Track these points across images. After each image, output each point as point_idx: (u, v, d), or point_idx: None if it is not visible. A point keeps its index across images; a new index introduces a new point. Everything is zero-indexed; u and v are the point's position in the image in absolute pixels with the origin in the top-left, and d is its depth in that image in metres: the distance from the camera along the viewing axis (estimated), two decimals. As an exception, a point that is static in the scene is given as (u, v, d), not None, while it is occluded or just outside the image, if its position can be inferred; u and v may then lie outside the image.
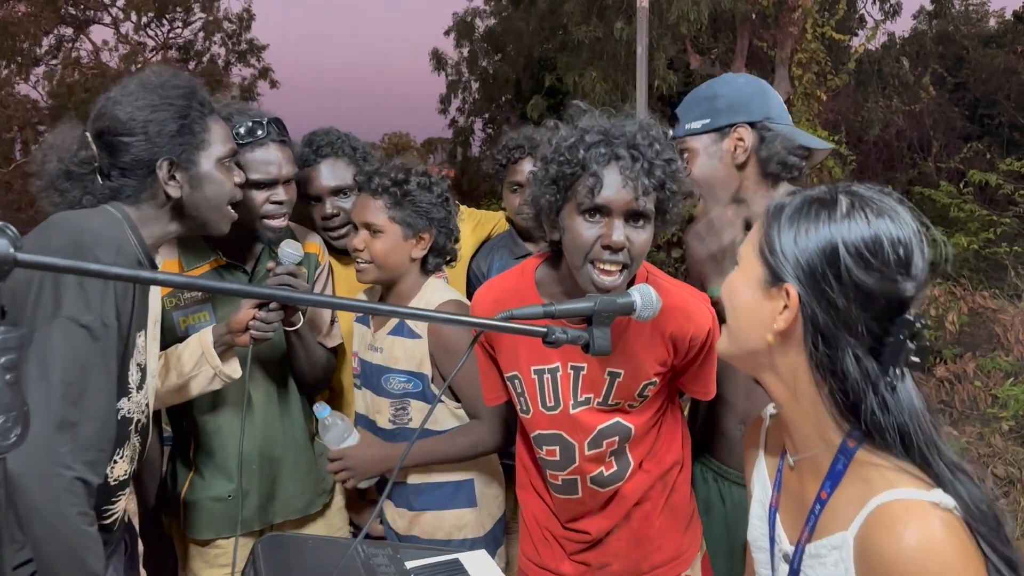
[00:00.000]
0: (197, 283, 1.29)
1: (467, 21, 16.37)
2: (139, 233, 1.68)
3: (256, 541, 1.41)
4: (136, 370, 1.64)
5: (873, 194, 1.13)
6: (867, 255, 1.07)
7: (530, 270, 1.77)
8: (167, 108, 1.67)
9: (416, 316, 1.18)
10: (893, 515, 1.03)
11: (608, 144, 1.53)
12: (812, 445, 1.17)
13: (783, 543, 1.23)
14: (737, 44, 11.47)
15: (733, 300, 1.21)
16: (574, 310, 1.14)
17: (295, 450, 2.20)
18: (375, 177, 2.05)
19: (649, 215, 1.56)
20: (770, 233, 1.15)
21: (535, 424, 1.77)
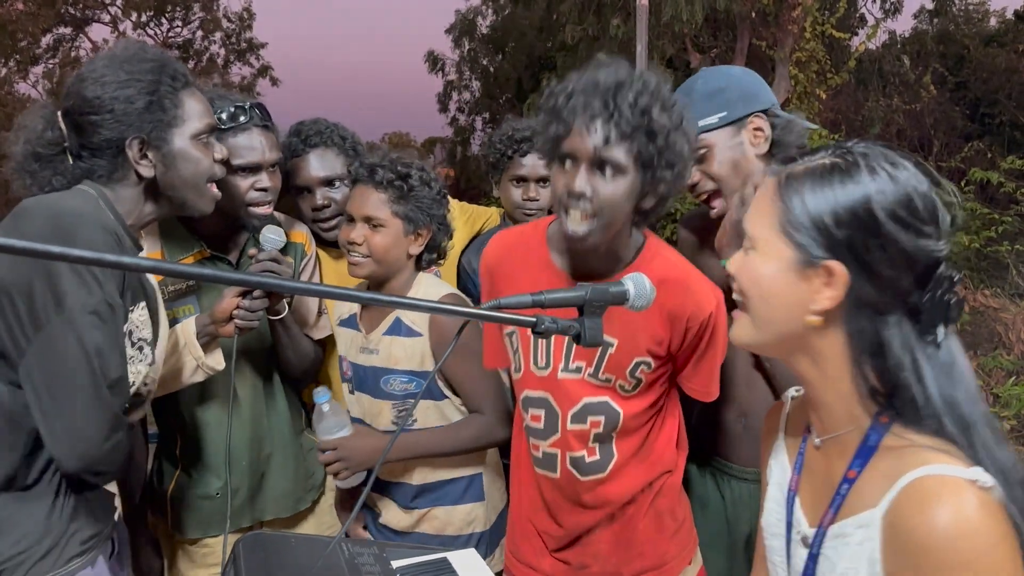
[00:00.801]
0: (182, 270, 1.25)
1: (469, 19, 16.36)
2: (117, 212, 1.63)
3: (237, 540, 1.37)
4: (131, 344, 1.59)
5: (880, 150, 1.08)
6: (902, 213, 1.02)
7: (544, 225, 1.77)
8: (134, 84, 1.60)
9: (404, 305, 1.15)
10: (927, 491, 0.97)
11: (587, 93, 1.52)
12: (842, 423, 1.12)
13: (802, 526, 1.18)
14: (737, 43, 11.44)
15: (759, 288, 1.12)
16: (564, 299, 1.09)
17: (283, 445, 2.15)
18: (379, 170, 1.98)
19: (620, 166, 1.51)
20: (792, 207, 1.08)
21: (525, 383, 1.75)
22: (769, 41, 10.96)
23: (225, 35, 18.63)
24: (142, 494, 2.10)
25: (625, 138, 1.50)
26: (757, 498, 1.89)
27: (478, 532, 2.08)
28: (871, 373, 1.07)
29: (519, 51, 14.81)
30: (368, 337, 2.05)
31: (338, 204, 2.28)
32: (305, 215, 2.34)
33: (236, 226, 2.08)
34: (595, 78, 1.54)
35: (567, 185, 1.54)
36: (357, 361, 2.08)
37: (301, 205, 2.35)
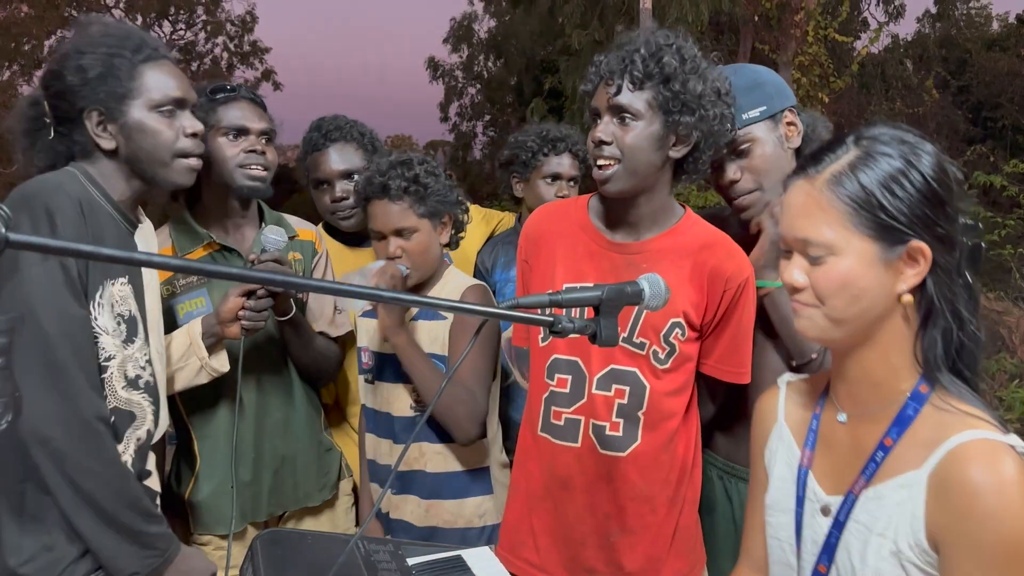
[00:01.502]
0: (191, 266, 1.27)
1: (465, 26, 16.39)
2: (102, 189, 1.65)
3: (254, 537, 1.39)
4: (106, 316, 1.61)
5: (886, 129, 1.18)
6: (952, 182, 1.13)
7: (587, 197, 1.86)
8: (90, 55, 1.63)
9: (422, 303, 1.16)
10: (974, 453, 1.07)
11: (608, 57, 1.67)
12: (885, 399, 1.18)
13: (819, 497, 1.23)
14: (740, 46, 11.47)
15: (848, 289, 1.13)
16: (582, 299, 1.12)
17: (302, 442, 2.16)
18: (389, 183, 1.99)
19: (635, 111, 1.63)
20: (858, 203, 1.11)
21: (553, 348, 1.77)
22: (772, 45, 10.99)
23: (228, 37, 18.67)
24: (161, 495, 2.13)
25: (639, 85, 1.63)
26: None
27: (489, 525, 2.10)
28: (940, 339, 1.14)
29: (518, 56, 14.84)
30: None
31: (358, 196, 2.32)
32: (325, 208, 2.41)
33: (241, 211, 2.11)
34: (626, 41, 1.68)
35: (592, 135, 1.67)
36: (382, 350, 2.08)
37: (321, 198, 2.41)
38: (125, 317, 1.65)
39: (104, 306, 1.59)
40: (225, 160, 2.01)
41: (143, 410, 1.69)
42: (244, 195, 2.06)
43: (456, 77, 17.12)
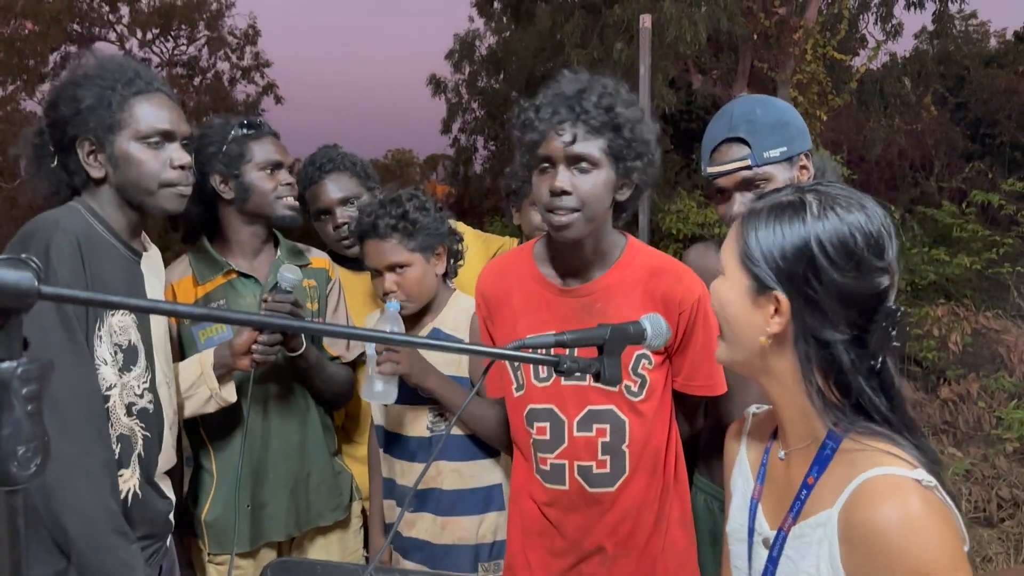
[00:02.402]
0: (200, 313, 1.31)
1: (468, 42, 16.46)
2: (102, 219, 1.72)
3: (266, 566, 1.41)
4: (105, 348, 1.65)
5: (839, 191, 1.17)
6: (843, 256, 1.11)
7: (530, 246, 1.88)
8: (84, 86, 1.70)
9: (428, 346, 1.19)
10: (877, 489, 1.07)
11: (553, 103, 1.67)
12: (805, 437, 1.21)
13: (763, 530, 1.27)
14: (739, 64, 11.53)
15: (724, 310, 1.24)
16: (586, 339, 1.15)
17: (318, 464, 2.22)
18: (378, 222, 2.08)
19: (593, 159, 1.66)
20: (748, 241, 1.19)
21: (528, 399, 1.80)
22: (770, 63, 11.04)
23: (230, 49, 18.74)
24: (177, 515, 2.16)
25: (594, 133, 1.65)
26: None
27: (500, 540, 2.13)
28: (825, 388, 1.17)
29: (520, 72, 14.89)
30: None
31: None
32: (328, 236, 2.52)
33: (264, 241, 2.20)
34: (559, 88, 1.70)
35: (549, 185, 1.66)
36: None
37: (323, 228, 2.53)
38: (123, 347, 1.70)
39: (103, 338, 1.64)
40: (265, 193, 2.12)
41: (135, 436, 1.72)
42: (285, 224, 2.19)
43: (459, 93, 17.19)
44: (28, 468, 0.82)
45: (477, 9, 15.50)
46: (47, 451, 0.84)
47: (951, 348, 6.54)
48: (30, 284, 0.79)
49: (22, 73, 15.77)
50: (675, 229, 10.23)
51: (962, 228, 8.36)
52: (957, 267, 7.74)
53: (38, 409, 0.82)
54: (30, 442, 0.82)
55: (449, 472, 2.11)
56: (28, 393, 0.81)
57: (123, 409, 1.70)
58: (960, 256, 7.87)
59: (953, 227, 8.42)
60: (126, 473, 1.70)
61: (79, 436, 1.53)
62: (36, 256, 1.50)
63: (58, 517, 1.51)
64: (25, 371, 0.80)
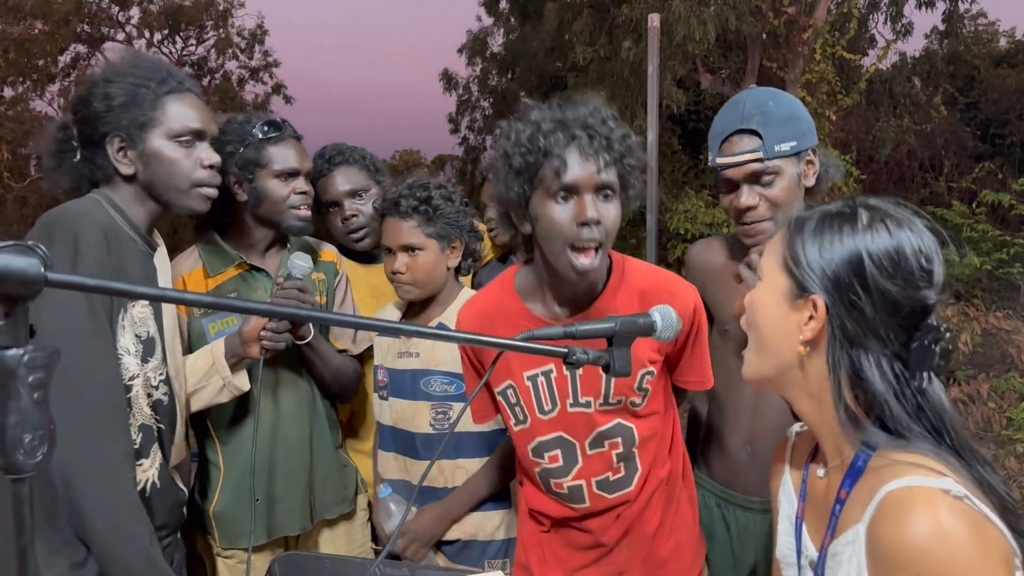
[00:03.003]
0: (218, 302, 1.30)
1: (481, 39, 16.48)
2: (124, 213, 1.72)
3: (273, 560, 1.41)
4: (128, 338, 1.66)
5: (890, 206, 1.16)
6: (890, 265, 1.10)
7: (509, 279, 1.79)
8: (117, 84, 1.71)
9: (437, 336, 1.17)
10: (899, 501, 1.03)
11: (563, 127, 1.58)
12: (840, 452, 1.19)
13: (809, 551, 1.24)
14: (748, 64, 11.50)
15: (758, 315, 1.23)
16: (595, 331, 1.14)
17: (323, 459, 2.23)
18: (401, 201, 2.08)
19: (615, 187, 1.61)
20: (794, 246, 1.17)
21: (534, 432, 1.76)
22: (779, 62, 11.01)
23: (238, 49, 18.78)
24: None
25: (615, 162, 1.60)
26: (762, 528, 1.94)
27: (503, 539, 2.14)
28: (852, 402, 1.14)
29: (529, 71, 14.90)
30: (408, 341, 2.14)
31: (365, 215, 2.47)
32: (336, 229, 2.51)
33: (274, 239, 2.20)
34: (564, 114, 1.62)
35: (576, 216, 1.57)
36: (395, 367, 2.16)
37: (332, 221, 2.52)
38: (143, 338, 1.70)
39: (126, 328, 1.65)
40: (278, 201, 2.11)
41: (154, 426, 1.74)
42: (294, 233, 2.17)
43: (470, 90, 17.21)
44: (34, 456, 0.82)
45: (485, 8, 15.52)
46: (53, 439, 0.84)
47: (961, 348, 6.51)
48: (36, 271, 0.78)
49: (32, 73, 15.83)
50: (683, 229, 10.21)
51: (972, 228, 8.31)
52: (967, 267, 7.70)
53: (44, 397, 0.82)
54: (36, 430, 0.81)
55: (455, 470, 2.11)
56: (35, 381, 0.81)
57: (145, 399, 1.71)
58: (970, 256, 7.82)
59: (963, 227, 8.37)
60: (145, 463, 1.71)
61: (103, 426, 1.53)
62: (63, 244, 1.52)
63: (80, 507, 1.51)
64: (32, 359, 0.80)
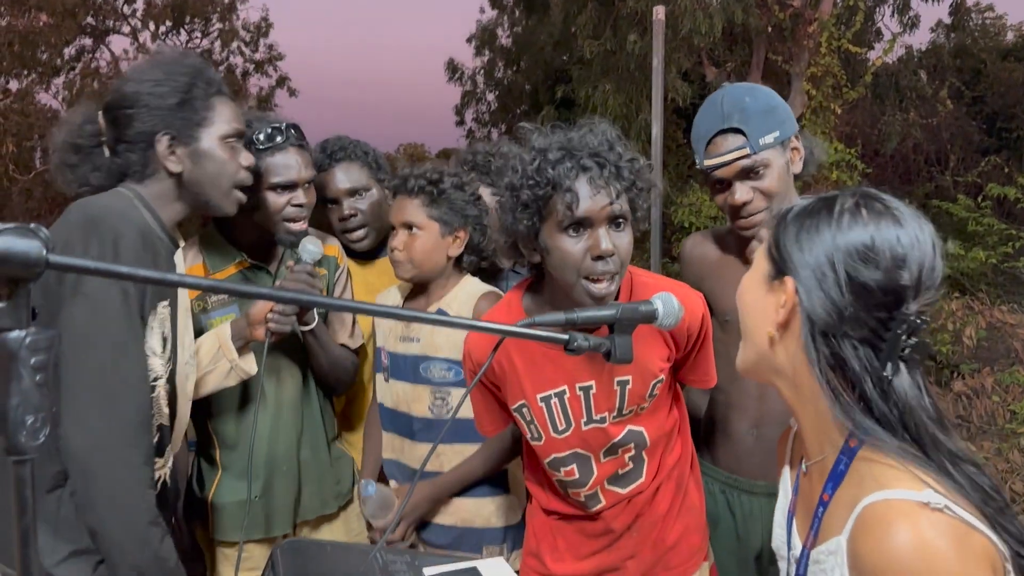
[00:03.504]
0: (221, 286, 1.32)
1: (490, 30, 16.45)
2: (154, 211, 1.72)
3: (274, 546, 1.42)
4: (156, 338, 1.66)
5: (878, 196, 1.15)
6: (864, 252, 1.09)
7: (516, 303, 1.76)
8: (169, 83, 1.70)
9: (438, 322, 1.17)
10: (878, 516, 1.01)
11: (571, 157, 1.54)
12: (821, 448, 1.18)
13: (796, 548, 1.23)
14: (753, 57, 11.47)
15: (743, 299, 1.25)
16: (596, 318, 1.14)
17: (318, 451, 2.23)
18: (410, 179, 2.10)
19: (627, 216, 1.58)
20: (777, 231, 1.19)
21: (549, 449, 1.76)
22: (785, 56, 10.98)
23: (243, 43, 18.77)
24: (183, 500, 2.17)
25: (627, 191, 1.57)
26: (767, 512, 1.93)
27: (508, 526, 2.15)
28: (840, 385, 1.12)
29: (534, 64, 14.88)
30: (410, 326, 2.14)
31: (364, 214, 2.43)
32: (334, 226, 2.46)
33: (274, 237, 2.17)
34: (568, 140, 1.58)
35: (591, 249, 1.55)
36: (396, 350, 2.16)
37: (330, 216, 2.48)
38: (164, 336, 1.71)
39: (154, 328, 1.66)
40: (272, 213, 2.09)
41: (160, 415, 1.74)
42: (284, 245, 2.16)
43: (476, 82, 17.20)
44: (37, 438, 0.82)
45: (489, 1, 15.50)
46: (55, 422, 0.84)
47: (965, 342, 6.50)
48: (38, 253, 0.79)
49: (36, 66, 15.83)
50: (687, 222, 10.19)
51: (978, 222, 8.28)
52: (972, 261, 7.67)
53: (47, 379, 0.82)
54: (39, 412, 0.81)
55: (452, 455, 2.12)
56: (37, 363, 0.81)
57: (165, 400, 1.72)
58: (975, 250, 7.79)
59: (968, 221, 8.34)
60: (160, 461, 1.73)
61: (127, 428, 1.53)
62: (104, 246, 1.53)
63: (97, 505, 1.52)
64: (34, 341, 0.80)
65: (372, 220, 2.43)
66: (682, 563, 1.83)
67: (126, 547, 1.54)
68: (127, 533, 1.53)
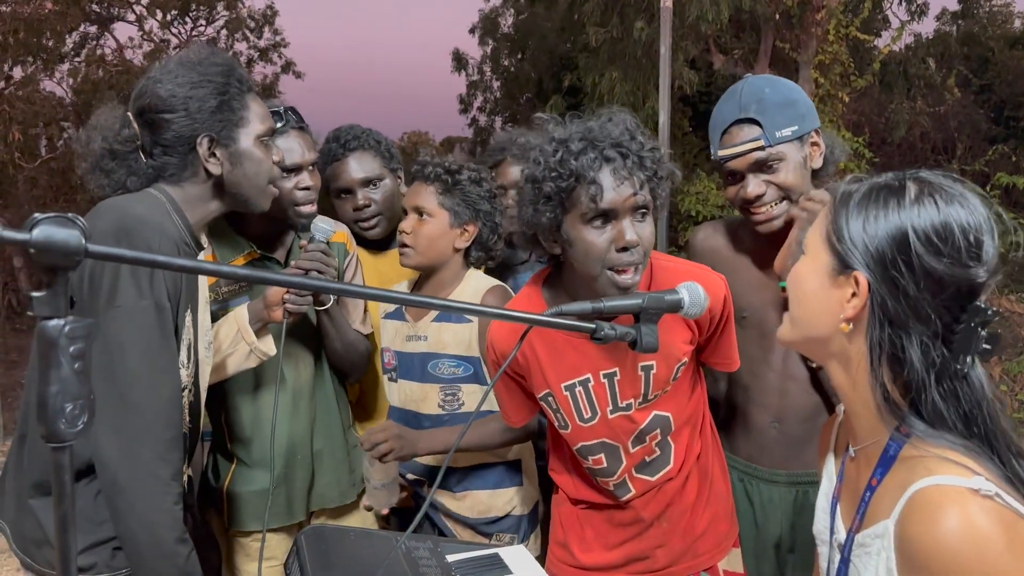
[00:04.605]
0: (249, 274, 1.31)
1: (492, 18, 16.39)
2: (183, 215, 1.71)
3: (298, 533, 1.43)
4: (184, 350, 1.66)
5: (941, 179, 1.12)
6: (937, 241, 1.06)
7: (536, 295, 1.76)
8: (207, 85, 1.69)
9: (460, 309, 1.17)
10: (929, 501, 1.01)
11: (594, 148, 1.53)
12: (871, 434, 1.17)
13: (840, 532, 1.23)
14: (761, 44, 11.42)
15: (800, 288, 1.20)
16: (623, 307, 1.15)
17: (333, 439, 2.23)
18: (428, 165, 2.11)
19: (649, 206, 1.58)
20: (838, 220, 1.14)
21: (577, 437, 1.76)
22: (792, 43, 10.93)
23: (248, 29, 18.71)
24: (198, 490, 2.18)
25: (649, 180, 1.56)
26: (786, 501, 1.97)
27: (521, 515, 2.16)
28: (890, 384, 1.11)
29: (539, 52, 14.83)
30: (416, 325, 2.14)
31: (378, 204, 2.42)
32: (346, 216, 2.45)
33: (282, 226, 2.18)
34: (590, 130, 1.57)
35: (615, 241, 1.54)
36: (403, 349, 2.17)
37: (342, 207, 2.47)
38: (188, 345, 1.71)
39: (183, 340, 1.66)
40: (280, 197, 2.05)
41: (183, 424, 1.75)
42: (295, 228, 2.16)
43: (481, 70, 17.15)
44: (75, 425, 0.83)
45: (494, -12, 15.45)
46: (93, 410, 0.85)
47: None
48: (78, 242, 0.79)
49: (41, 53, 15.80)
50: (695, 211, 10.18)
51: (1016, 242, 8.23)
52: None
53: (84, 367, 0.83)
54: (77, 400, 0.82)
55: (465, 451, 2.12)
56: (75, 351, 0.82)
57: (188, 409, 1.72)
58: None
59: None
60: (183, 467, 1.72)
61: (157, 443, 1.53)
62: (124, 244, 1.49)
63: (125, 518, 1.52)
64: (72, 329, 0.81)
65: (386, 209, 2.42)
66: (710, 550, 1.84)
67: (152, 563, 1.54)
68: (153, 549, 1.53)
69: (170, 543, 1.54)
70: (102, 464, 1.50)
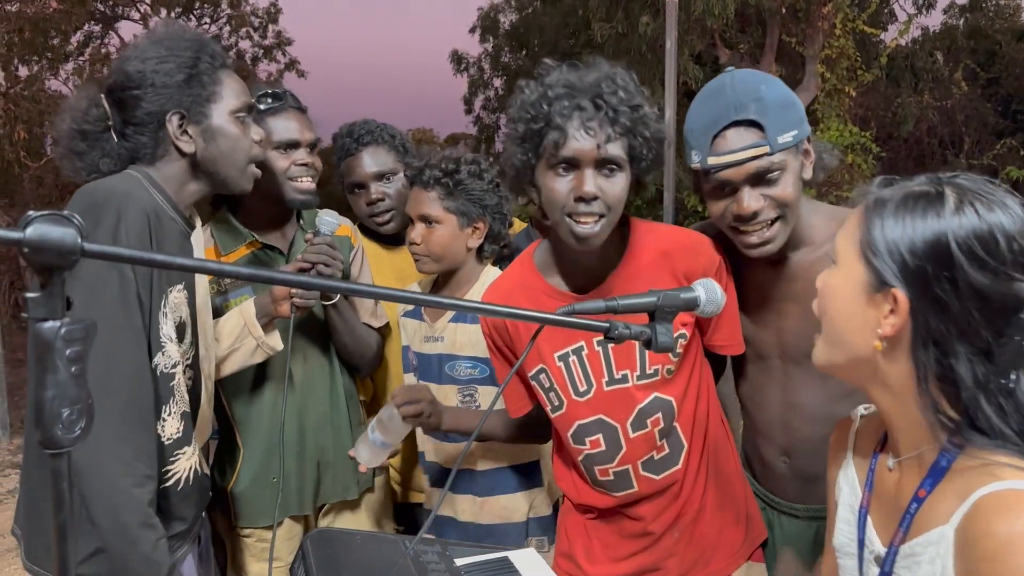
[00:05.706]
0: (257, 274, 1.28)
1: (492, 17, 16.36)
2: (165, 192, 1.67)
3: (304, 536, 1.40)
4: (170, 324, 1.62)
5: (980, 185, 1.06)
6: (981, 252, 1.00)
7: (528, 256, 1.77)
8: (173, 59, 1.65)
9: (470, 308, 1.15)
10: (997, 504, 0.97)
11: (571, 96, 1.52)
12: (917, 444, 1.12)
13: (875, 545, 1.18)
14: (767, 39, 11.37)
15: (832, 304, 1.14)
16: (637, 305, 1.12)
17: (339, 433, 2.20)
18: (426, 170, 2.06)
19: (620, 162, 1.55)
20: (872, 231, 1.07)
21: (572, 416, 1.71)
22: (798, 38, 10.88)
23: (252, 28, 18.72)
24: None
25: (622, 135, 1.53)
26: (806, 536, 1.83)
27: (536, 517, 2.13)
28: (942, 401, 1.06)
29: (543, 48, 14.78)
30: (433, 326, 2.12)
31: (392, 198, 2.42)
32: (361, 211, 2.46)
33: (283, 212, 2.16)
34: (574, 77, 1.56)
35: (574, 190, 1.53)
36: (422, 350, 2.15)
37: (356, 202, 2.47)
38: (177, 323, 1.68)
39: (168, 315, 1.62)
40: (277, 173, 2.06)
41: (184, 406, 1.71)
42: (295, 207, 2.13)
43: (483, 69, 17.11)
44: (73, 431, 0.80)
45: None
46: (91, 414, 0.82)
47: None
48: (74, 241, 0.76)
49: (46, 52, 15.81)
50: (700, 207, 10.14)
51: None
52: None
53: (82, 371, 0.80)
54: (75, 404, 0.79)
55: (483, 451, 2.09)
56: (72, 354, 0.79)
57: (186, 387, 1.68)
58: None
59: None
60: (188, 450, 1.69)
61: (119, 421, 1.47)
62: (106, 228, 1.47)
63: (88, 503, 1.46)
64: (69, 331, 0.78)
65: (399, 204, 2.40)
66: (722, 559, 1.78)
67: (114, 546, 1.48)
68: (115, 533, 1.47)
69: (133, 527, 1.47)
70: None
